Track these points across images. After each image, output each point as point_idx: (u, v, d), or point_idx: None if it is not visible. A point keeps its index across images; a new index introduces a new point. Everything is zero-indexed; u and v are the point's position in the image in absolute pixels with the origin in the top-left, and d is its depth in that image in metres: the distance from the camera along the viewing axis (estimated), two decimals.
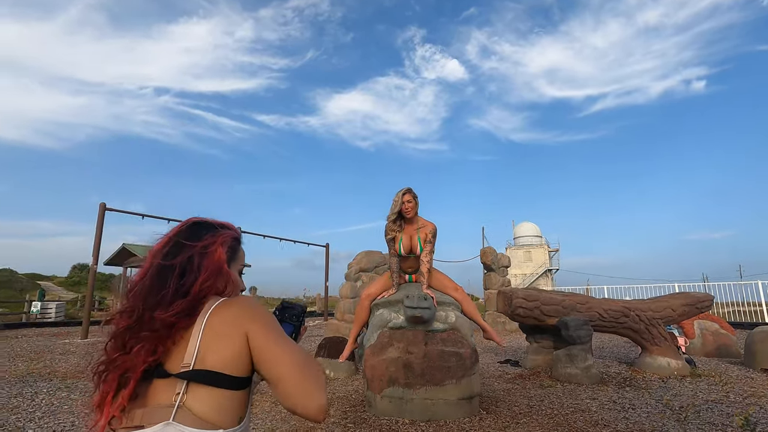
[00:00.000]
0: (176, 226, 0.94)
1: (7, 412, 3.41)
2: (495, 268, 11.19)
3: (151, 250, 0.89)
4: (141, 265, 0.89)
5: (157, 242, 0.91)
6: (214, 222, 0.95)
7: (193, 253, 0.86)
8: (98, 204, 9.28)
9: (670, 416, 3.06)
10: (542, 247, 42.10)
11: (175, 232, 0.91)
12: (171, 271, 0.84)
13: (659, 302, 5.22)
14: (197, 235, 0.89)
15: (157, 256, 0.86)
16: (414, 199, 3.46)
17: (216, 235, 0.91)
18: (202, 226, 0.92)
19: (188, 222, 0.94)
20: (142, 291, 0.83)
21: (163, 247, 0.88)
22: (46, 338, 9.42)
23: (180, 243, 0.87)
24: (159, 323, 0.79)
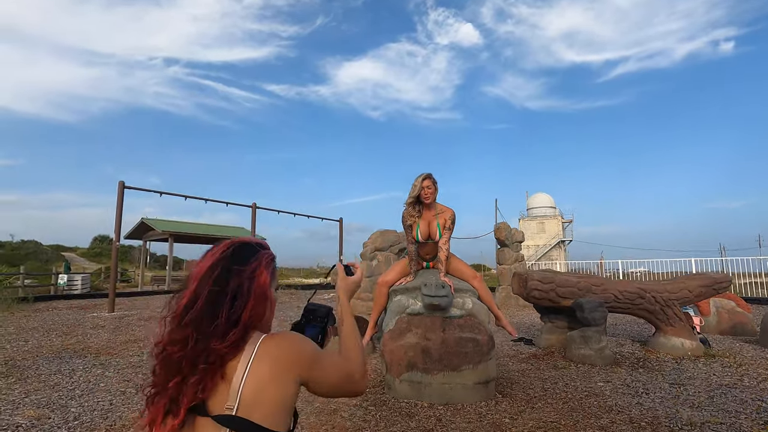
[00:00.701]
0: (218, 247, 0.91)
1: (50, 389, 3.64)
2: (509, 243, 11.20)
3: (195, 273, 0.87)
4: (184, 288, 0.87)
5: (200, 263, 0.88)
6: (253, 241, 0.95)
7: (242, 278, 0.86)
8: (114, 176, 9.49)
9: (683, 402, 3.13)
10: (556, 219, 41.75)
11: (221, 256, 0.88)
12: (223, 297, 0.83)
13: (676, 283, 5.21)
14: (245, 259, 0.89)
15: (206, 280, 0.84)
16: (433, 185, 3.47)
17: (259, 257, 0.91)
18: (246, 248, 0.92)
19: (233, 244, 0.92)
20: (194, 319, 0.82)
21: (211, 271, 0.85)
22: (75, 311, 9.86)
23: (229, 268, 0.86)
24: (214, 355, 0.80)
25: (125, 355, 4.97)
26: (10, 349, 5.33)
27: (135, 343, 5.65)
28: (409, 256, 3.66)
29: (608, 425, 2.67)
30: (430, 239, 3.56)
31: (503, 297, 10.74)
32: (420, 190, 3.40)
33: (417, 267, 3.69)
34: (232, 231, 21.62)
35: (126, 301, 12.45)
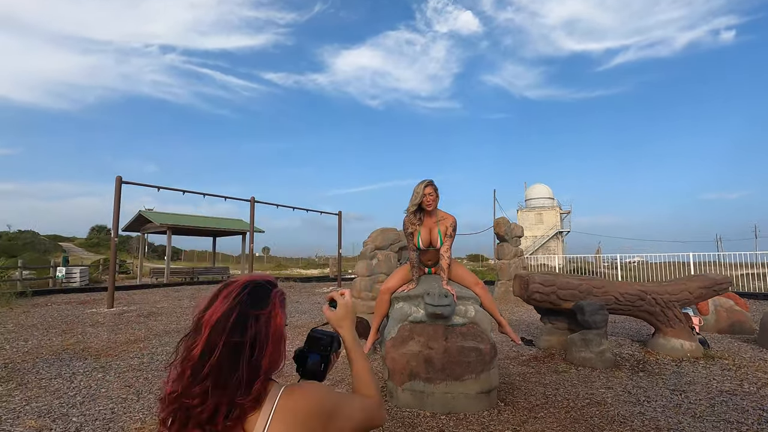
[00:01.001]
0: (232, 290, 0.86)
1: (50, 396, 3.63)
2: (508, 238, 11.20)
3: (208, 319, 0.82)
4: (196, 335, 0.82)
5: (212, 307, 0.83)
6: (264, 279, 0.92)
7: (260, 324, 0.83)
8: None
9: (685, 411, 3.14)
10: (554, 210, 41.83)
11: (236, 301, 0.84)
12: (242, 347, 0.80)
13: (676, 285, 5.22)
14: (261, 302, 0.85)
15: (221, 328, 0.80)
16: (435, 192, 3.44)
17: (273, 298, 0.88)
18: (261, 290, 0.88)
19: (247, 287, 0.87)
20: (212, 370, 0.78)
21: (227, 318, 0.81)
22: (74, 306, 9.85)
23: (246, 313, 0.82)
24: (239, 410, 0.78)
25: (125, 357, 4.96)
26: (10, 350, 5.32)
27: (135, 344, 5.64)
28: (411, 263, 3.64)
29: None
30: (432, 246, 3.53)
31: (502, 292, 10.78)
32: (422, 197, 3.37)
33: (419, 273, 3.67)
34: (230, 223, 21.55)
35: (125, 296, 12.44)
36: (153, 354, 5.08)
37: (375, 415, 0.96)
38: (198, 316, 0.85)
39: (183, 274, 19.81)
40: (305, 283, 19.25)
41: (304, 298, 11.80)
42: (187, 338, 0.84)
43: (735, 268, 14.92)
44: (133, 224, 19.51)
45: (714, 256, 15.58)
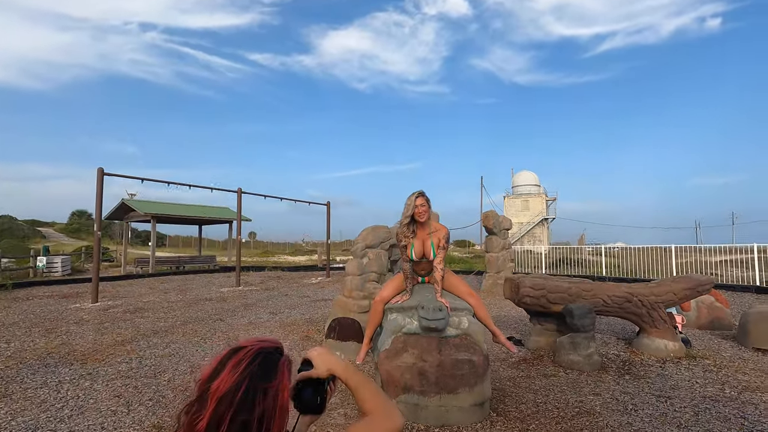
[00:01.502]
0: (241, 359, 0.82)
1: (36, 408, 3.56)
2: (497, 231, 11.28)
3: (215, 391, 0.77)
4: (201, 407, 0.78)
5: (219, 377, 0.79)
6: (272, 345, 0.88)
7: (268, 398, 0.80)
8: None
9: (671, 420, 3.23)
10: (540, 196, 42.31)
11: (245, 373, 0.80)
12: (250, 425, 0.77)
13: (662, 287, 5.33)
14: (270, 375, 0.82)
15: (228, 402, 0.76)
16: (427, 203, 3.41)
17: (282, 369, 0.85)
18: (270, 360, 0.84)
19: (258, 355, 0.83)
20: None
21: (235, 391, 0.77)
22: (57, 301, 9.66)
23: (255, 387, 0.79)
24: None
25: (113, 362, 4.88)
26: None
27: (122, 346, 5.56)
28: (404, 274, 3.62)
29: None
30: (425, 258, 3.52)
31: (490, 285, 10.91)
32: (414, 208, 3.35)
33: (412, 283, 3.67)
34: (216, 212, 21.24)
35: (109, 287, 12.24)
36: (141, 358, 5.02)
37: (388, 426, 0.92)
38: (202, 386, 0.80)
39: (169, 262, 19.54)
40: (293, 272, 19.20)
41: (294, 291, 11.78)
42: (190, 409, 0.80)
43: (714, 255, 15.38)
44: (117, 212, 19.08)
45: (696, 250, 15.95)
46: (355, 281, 6.28)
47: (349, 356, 4.98)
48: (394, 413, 0.94)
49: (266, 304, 9.36)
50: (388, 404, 0.96)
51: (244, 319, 7.55)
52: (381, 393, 0.98)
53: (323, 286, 12.94)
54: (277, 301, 9.71)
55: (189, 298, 10.15)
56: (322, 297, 10.44)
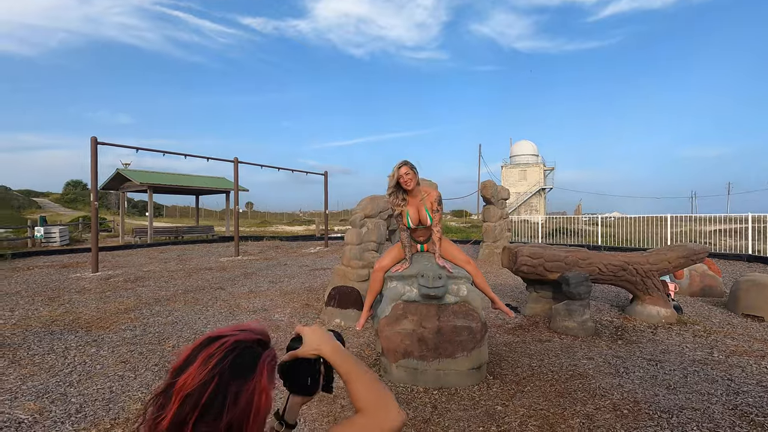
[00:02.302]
0: (213, 352, 0.70)
1: (45, 374, 3.65)
2: (494, 201, 11.30)
3: (180, 388, 0.66)
4: (165, 405, 0.67)
5: (188, 372, 0.68)
6: (255, 336, 0.76)
7: (239, 405, 0.68)
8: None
9: (661, 382, 3.35)
10: (538, 166, 42.15)
11: (216, 368, 0.68)
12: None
13: (657, 255, 5.41)
14: (246, 371, 0.70)
15: (192, 403, 0.65)
16: (412, 170, 3.41)
17: (260, 368, 0.72)
18: (248, 353, 0.72)
19: (233, 349, 0.71)
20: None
21: (201, 391, 0.66)
22: (57, 270, 9.72)
23: (225, 387, 0.67)
24: None
25: (117, 329, 4.97)
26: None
27: (125, 314, 5.64)
28: (402, 243, 3.65)
29: (593, 413, 2.85)
30: (421, 225, 3.55)
31: (487, 254, 11.03)
32: (398, 178, 3.35)
33: (412, 251, 3.70)
34: (213, 182, 21.09)
35: (109, 257, 12.30)
36: (145, 326, 5.11)
37: (378, 427, 0.75)
38: (171, 376, 0.70)
39: (167, 232, 19.58)
40: (291, 242, 19.31)
41: (292, 260, 11.88)
42: (156, 400, 0.70)
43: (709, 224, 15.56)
44: (112, 182, 18.92)
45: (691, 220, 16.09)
46: (354, 251, 6.33)
47: (349, 323, 5.09)
48: (390, 411, 0.78)
49: (266, 273, 9.46)
50: (385, 399, 0.79)
51: (245, 287, 7.65)
52: (377, 385, 0.81)
53: (321, 256, 13.06)
54: (276, 270, 9.81)
55: (189, 268, 10.24)
56: (321, 266, 10.55)
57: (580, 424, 2.71)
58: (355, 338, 4.62)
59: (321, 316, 5.50)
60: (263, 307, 6.10)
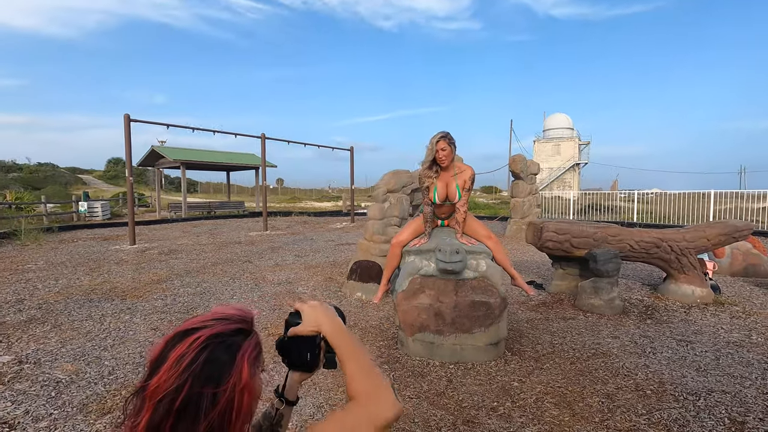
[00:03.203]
0: (183, 350, 0.64)
1: (83, 338, 3.88)
2: (523, 176, 10.96)
3: (152, 392, 0.62)
4: (140, 403, 0.64)
5: (159, 374, 0.63)
6: (233, 325, 0.71)
7: (218, 406, 0.63)
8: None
9: (690, 364, 3.20)
10: (572, 140, 40.47)
11: (187, 371, 0.63)
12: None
13: (695, 232, 5.10)
14: (222, 370, 0.65)
15: (164, 410, 0.61)
16: (449, 146, 3.27)
17: (239, 363, 0.67)
18: (223, 348, 0.67)
19: (205, 347, 0.65)
20: None
21: (172, 397, 0.62)
22: (99, 243, 10.26)
23: (199, 393, 0.62)
24: None
25: (150, 298, 5.22)
26: (43, 289, 5.63)
27: (158, 284, 5.91)
28: (424, 217, 3.58)
29: (614, 392, 2.77)
30: (448, 201, 3.45)
31: (514, 230, 10.80)
32: (434, 153, 3.22)
33: (432, 226, 3.64)
34: (243, 158, 21.48)
35: (146, 231, 12.87)
36: (176, 296, 5.33)
37: (368, 420, 0.71)
38: (144, 377, 0.66)
39: (200, 208, 20.24)
40: (319, 217, 19.57)
41: (319, 235, 12.05)
42: (134, 401, 0.66)
43: (758, 201, 14.56)
44: (148, 159, 19.61)
45: (736, 196, 15.06)
46: (376, 225, 6.32)
47: (369, 297, 5.13)
48: (384, 402, 0.72)
49: (292, 247, 9.65)
50: (379, 389, 0.74)
51: (271, 261, 7.83)
52: (374, 372, 0.76)
53: (347, 231, 13.17)
54: (302, 245, 9.99)
55: (219, 241, 10.58)
56: (346, 241, 10.65)
57: (599, 403, 2.64)
58: (375, 311, 4.65)
59: (342, 290, 5.57)
60: (287, 280, 6.23)
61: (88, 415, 2.57)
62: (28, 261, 7.71)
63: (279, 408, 0.92)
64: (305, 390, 2.83)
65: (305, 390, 2.83)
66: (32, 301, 5.04)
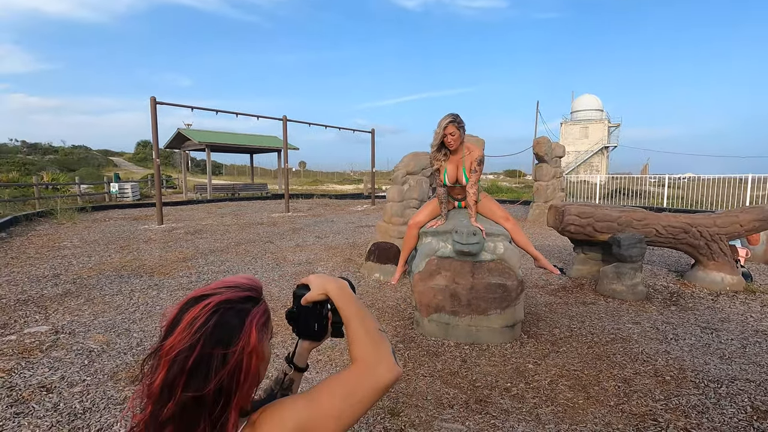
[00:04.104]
0: (196, 313, 0.68)
1: (114, 311, 4.08)
2: (548, 159, 10.69)
3: (166, 353, 0.67)
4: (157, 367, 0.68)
5: (174, 336, 0.67)
6: (242, 293, 0.74)
7: (226, 369, 0.67)
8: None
9: (713, 351, 3.12)
10: (602, 122, 39.05)
11: (199, 332, 0.67)
12: (203, 400, 0.66)
13: (727, 217, 4.89)
14: (231, 333, 0.68)
15: (179, 370, 0.66)
16: (458, 130, 3.21)
17: (247, 328, 0.70)
18: (232, 314, 0.70)
19: (216, 311, 0.69)
20: (174, 419, 0.67)
21: (186, 357, 0.66)
22: (129, 222, 10.66)
23: (210, 353, 0.66)
24: None
25: (176, 275, 5.41)
26: (77, 265, 5.92)
27: (183, 262, 6.11)
28: (439, 198, 3.56)
29: (632, 377, 2.73)
30: (458, 183, 3.42)
31: (537, 214, 10.60)
32: (442, 137, 3.18)
33: (448, 207, 3.61)
34: (265, 141, 21.71)
35: (173, 212, 13.26)
36: (200, 273, 5.51)
37: (368, 381, 0.73)
38: (160, 339, 0.70)
39: (224, 189, 20.68)
40: (340, 200, 19.70)
41: (339, 217, 12.15)
42: (151, 360, 0.70)
43: None
44: (174, 142, 20.07)
45: None
46: (395, 207, 6.32)
47: (387, 278, 5.17)
48: (382, 365, 0.74)
49: (313, 228, 9.77)
50: (381, 350, 0.76)
51: (292, 242, 7.97)
52: (375, 335, 0.77)
53: (368, 213, 13.23)
54: (323, 227, 10.10)
55: (242, 222, 10.81)
56: (366, 223, 10.71)
57: (615, 387, 2.61)
58: (392, 292, 4.69)
59: (361, 270, 5.63)
60: (307, 260, 6.34)
61: (118, 382, 2.72)
62: (63, 239, 8.09)
63: (288, 373, 0.97)
64: (317, 364, 2.91)
65: (317, 364, 2.91)
66: (67, 276, 5.31)
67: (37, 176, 17.58)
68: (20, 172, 22.44)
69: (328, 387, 0.74)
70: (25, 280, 5.09)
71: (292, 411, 0.71)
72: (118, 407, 2.43)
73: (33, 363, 2.95)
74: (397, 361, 0.77)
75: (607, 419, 2.28)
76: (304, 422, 0.69)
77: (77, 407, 2.42)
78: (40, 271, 5.51)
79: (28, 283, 4.94)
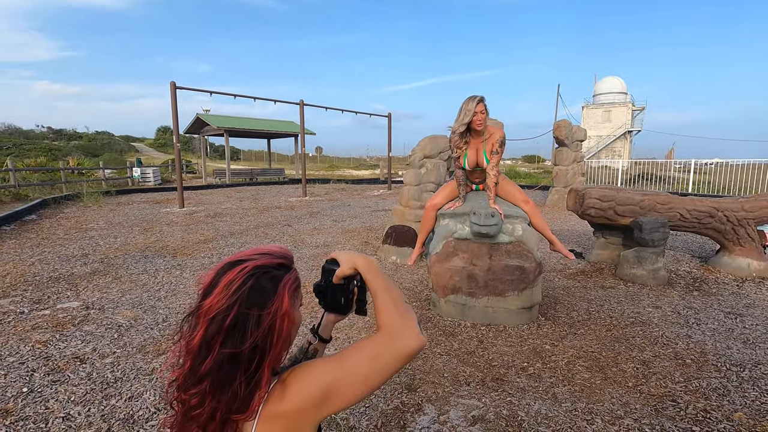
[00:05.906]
0: (234, 278, 0.72)
1: (140, 289, 4.23)
2: (568, 143, 10.46)
3: (206, 312, 0.71)
4: (196, 325, 0.71)
5: (213, 297, 0.71)
6: (275, 262, 0.77)
7: (261, 328, 0.71)
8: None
9: (737, 336, 3.06)
10: (625, 106, 37.86)
11: (235, 296, 0.71)
12: (239, 357, 0.71)
13: (756, 201, 4.73)
14: (266, 296, 0.72)
15: (217, 328, 0.70)
16: (486, 110, 3.17)
17: (281, 292, 0.74)
18: (266, 280, 0.74)
19: (252, 275, 0.73)
20: (212, 374, 0.71)
21: (224, 316, 0.70)
22: (151, 205, 10.93)
23: (246, 313, 0.70)
24: (231, 426, 0.73)
25: (197, 256, 5.56)
26: (104, 246, 6.13)
27: (205, 244, 6.26)
28: (457, 180, 3.54)
29: (651, 359, 2.71)
30: (478, 167, 3.38)
31: (556, 199, 10.45)
32: (473, 115, 3.12)
33: (466, 190, 3.59)
34: (283, 126, 21.80)
35: (193, 196, 13.53)
36: (221, 254, 5.65)
37: (393, 347, 0.76)
38: (198, 299, 0.74)
39: (243, 174, 20.94)
40: (356, 185, 19.74)
41: (356, 202, 12.20)
42: (189, 320, 0.74)
43: None
44: (193, 127, 20.33)
45: None
46: (412, 191, 6.31)
47: (404, 260, 5.20)
48: (407, 333, 0.77)
49: (330, 212, 9.85)
50: (406, 321, 0.79)
51: (309, 225, 8.06)
52: (401, 306, 0.81)
53: (384, 198, 13.24)
54: (339, 211, 10.17)
55: (261, 206, 10.97)
56: (383, 208, 10.74)
57: (634, 369, 2.60)
58: (409, 274, 4.73)
59: (378, 253, 5.67)
60: (325, 243, 6.42)
61: (146, 354, 2.84)
62: (90, 221, 8.36)
63: (313, 343, 1.01)
64: (335, 342, 2.97)
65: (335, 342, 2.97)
66: (95, 256, 5.51)
67: (64, 161, 18.11)
68: (47, 157, 23.16)
69: (356, 351, 0.77)
70: (56, 259, 5.31)
71: (322, 370, 0.74)
72: (147, 377, 2.54)
73: (66, 336, 3.10)
74: (422, 331, 0.80)
75: (625, 399, 2.29)
76: (332, 381, 0.73)
77: (109, 377, 2.54)
78: (69, 251, 5.73)
79: (59, 262, 5.15)
